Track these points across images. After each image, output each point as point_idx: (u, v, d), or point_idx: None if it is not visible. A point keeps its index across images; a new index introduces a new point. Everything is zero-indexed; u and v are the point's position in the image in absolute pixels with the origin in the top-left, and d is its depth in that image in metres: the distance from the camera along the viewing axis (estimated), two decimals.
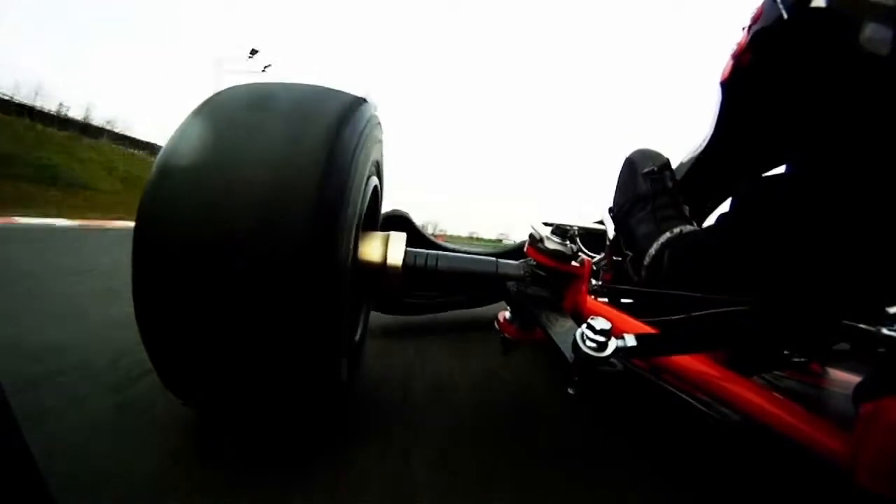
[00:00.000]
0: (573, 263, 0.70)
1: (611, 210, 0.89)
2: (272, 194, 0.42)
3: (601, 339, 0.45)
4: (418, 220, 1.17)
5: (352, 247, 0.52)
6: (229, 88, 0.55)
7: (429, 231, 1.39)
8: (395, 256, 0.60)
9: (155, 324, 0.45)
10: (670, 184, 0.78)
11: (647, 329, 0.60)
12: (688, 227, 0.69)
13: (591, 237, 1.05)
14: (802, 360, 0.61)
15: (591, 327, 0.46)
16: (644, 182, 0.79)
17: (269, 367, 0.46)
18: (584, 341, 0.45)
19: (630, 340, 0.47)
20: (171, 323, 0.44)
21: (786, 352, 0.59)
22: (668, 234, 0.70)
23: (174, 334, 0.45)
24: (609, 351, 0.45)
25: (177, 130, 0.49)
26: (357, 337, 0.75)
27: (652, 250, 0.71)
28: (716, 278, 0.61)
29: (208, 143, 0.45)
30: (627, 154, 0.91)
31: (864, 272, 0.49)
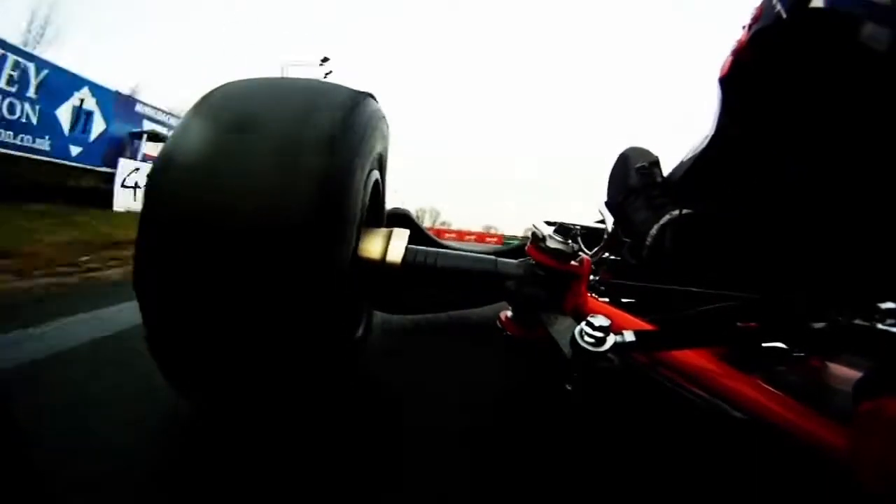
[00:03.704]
0: (573, 263, 0.70)
1: (606, 203, 0.91)
2: (274, 188, 0.42)
3: (599, 334, 0.46)
4: (411, 208, 1.16)
5: (353, 241, 0.52)
6: (233, 82, 0.54)
7: (426, 223, 1.37)
8: (395, 253, 0.60)
9: (158, 318, 0.46)
10: (660, 180, 0.82)
11: (647, 326, 0.61)
12: (679, 211, 0.72)
13: (593, 236, 1.05)
14: (802, 355, 0.61)
15: (590, 324, 0.46)
16: (636, 175, 0.83)
17: (268, 361, 0.46)
18: (582, 337, 0.46)
19: (628, 336, 0.48)
20: (173, 317, 0.45)
21: (784, 347, 0.59)
22: (668, 216, 0.73)
23: (177, 328, 0.45)
24: (607, 346, 0.45)
25: (180, 122, 0.49)
26: (359, 334, 0.75)
27: (653, 231, 0.73)
28: (718, 256, 0.62)
29: (210, 137, 0.46)
30: (620, 151, 0.94)
31: (860, 267, 0.49)
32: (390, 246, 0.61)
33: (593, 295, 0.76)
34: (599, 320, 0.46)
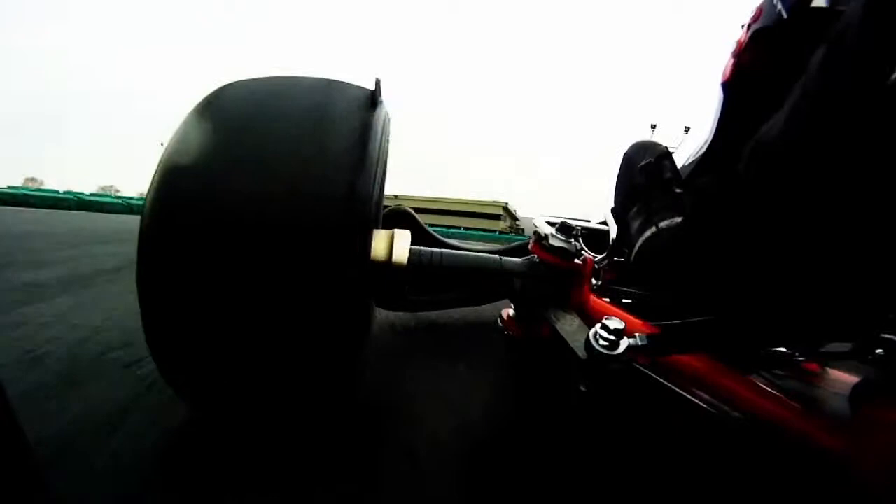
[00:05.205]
0: (576, 261, 0.71)
1: (613, 210, 0.88)
2: (292, 188, 0.42)
3: (613, 338, 0.47)
4: None
5: (369, 243, 0.52)
6: (241, 81, 0.52)
7: None
8: (400, 253, 0.61)
9: (159, 319, 0.43)
10: (669, 174, 0.74)
11: (650, 329, 0.60)
12: (669, 222, 0.67)
13: (594, 237, 1.04)
14: (802, 359, 0.61)
15: (605, 327, 0.47)
16: (640, 175, 0.76)
17: (279, 369, 0.45)
18: (597, 340, 0.47)
19: (641, 339, 0.49)
20: (174, 318, 0.43)
21: (785, 351, 0.59)
22: (652, 230, 0.68)
23: (178, 329, 0.43)
24: (621, 349, 0.47)
25: (184, 122, 0.46)
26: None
27: (636, 246, 0.70)
28: (675, 277, 0.60)
29: (215, 140, 0.44)
30: (625, 150, 0.86)
31: (863, 278, 0.48)
32: (395, 247, 0.61)
33: (594, 293, 0.76)
34: (614, 323, 0.47)
